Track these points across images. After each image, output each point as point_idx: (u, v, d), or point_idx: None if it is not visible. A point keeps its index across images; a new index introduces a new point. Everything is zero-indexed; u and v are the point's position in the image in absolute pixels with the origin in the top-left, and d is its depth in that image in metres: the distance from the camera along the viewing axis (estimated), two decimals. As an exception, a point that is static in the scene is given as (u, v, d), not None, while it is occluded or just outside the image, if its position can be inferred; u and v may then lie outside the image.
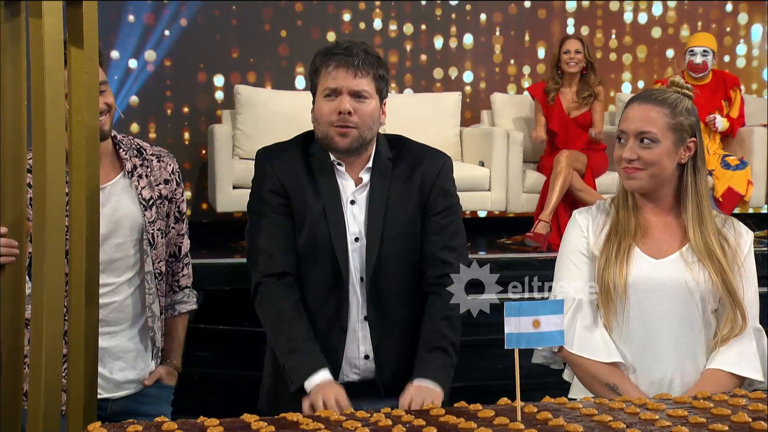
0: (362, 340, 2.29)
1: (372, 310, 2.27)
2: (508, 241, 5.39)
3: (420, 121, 5.38)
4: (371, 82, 2.24)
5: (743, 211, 5.60)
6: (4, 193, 2.11)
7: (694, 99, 2.28)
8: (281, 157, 2.31)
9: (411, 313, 2.31)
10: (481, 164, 5.52)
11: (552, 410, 1.82)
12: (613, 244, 2.23)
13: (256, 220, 2.31)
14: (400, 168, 2.31)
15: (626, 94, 6.01)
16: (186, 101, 6.14)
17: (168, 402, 2.60)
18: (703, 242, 2.21)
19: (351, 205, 2.29)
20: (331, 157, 2.29)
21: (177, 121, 6.14)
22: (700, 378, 2.20)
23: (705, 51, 5.55)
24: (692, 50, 5.58)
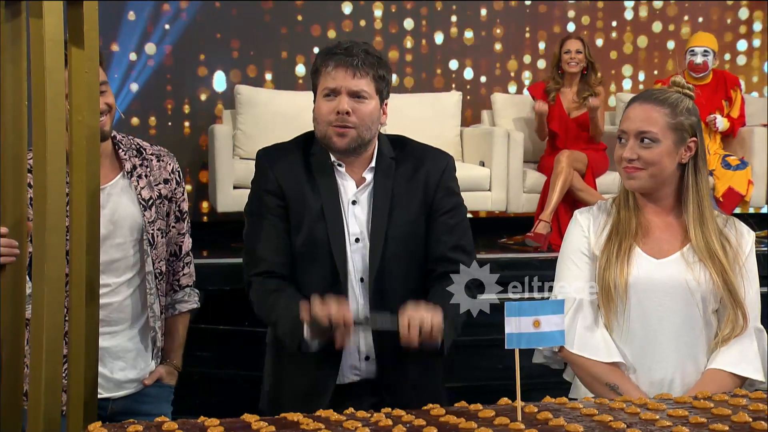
0: (362, 342, 2.28)
1: (374, 310, 2.27)
2: (509, 242, 5.39)
3: (420, 121, 5.38)
4: (371, 83, 2.24)
5: (744, 211, 5.60)
6: (5, 193, 2.11)
7: (695, 99, 2.28)
8: (281, 158, 2.31)
9: None
10: (482, 164, 5.52)
11: (552, 410, 1.82)
12: (614, 244, 2.23)
13: (252, 221, 2.31)
14: (403, 167, 2.31)
15: (627, 94, 6.01)
16: (186, 100, 6.13)
17: (168, 402, 2.61)
18: (705, 242, 2.21)
19: (352, 206, 2.28)
20: (332, 157, 2.28)
21: (177, 121, 6.14)
22: (701, 378, 2.20)
23: (705, 51, 5.56)
24: (693, 50, 5.59)
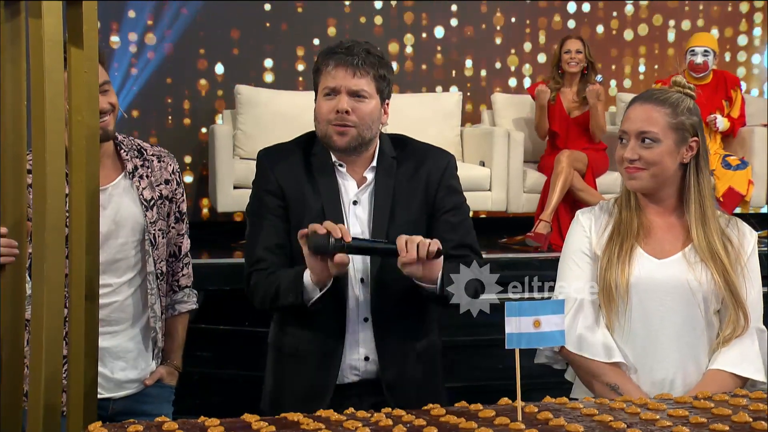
0: (362, 342, 2.28)
1: (374, 311, 2.26)
2: (509, 242, 5.39)
3: (420, 121, 5.38)
4: (371, 82, 2.24)
5: (744, 211, 5.60)
6: (5, 193, 2.11)
7: (696, 99, 2.28)
8: (281, 158, 2.31)
9: (414, 314, 2.30)
10: (482, 164, 5.52)
11: (553, 410, 1.82)
12: (616, 244, 2.22)
13: (252, 222, 2.31)
14: (404, 167, 2.31)
15: (627, 95, 6.00)
16: (186, 98, 6.13)
17: (169, 402, 2.61)
18: (706, 242, 2.20)
19: (353, 206, 2.28)
20: (333, 157, 2.28)
21: (177, 120, 6.14)
22: (702, 378, 2.20)
23: (706, 51, 5.56)
24: (693, 50, 5.58)
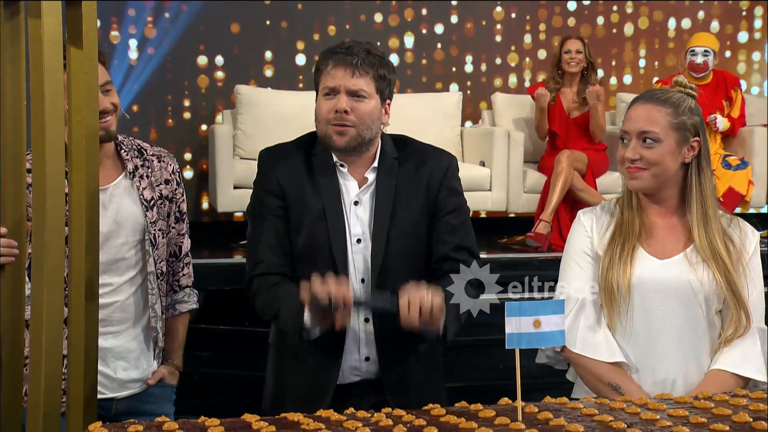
0: (363, 343, 2.28)
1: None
2: (509, 242, 5.39)
3: (420, 121, 5.38)
4: (371, 82, 2.23)
5: (744, 211, 5.60)
6: (4, 194, 2.11)
7: (697, 98, 2.27)
8: (282, 158, 2.31)
9: None
10: (482, 164, 5.52)
11: (553, 410, 1.82)
12: (617, 245, 2.22)
13: (254, 223, 2.31)
14: (405, 167, 2.31)
15: (628, 95, 6.00)
16: (186, 95, 6.13)
17: (171, 401, 2.61)
18: (708, 242, 2.20)
19: (354, 206, 2.27)
20: (334, 157, 2.28)
21: (177, 117, 6.14)
22: (704, 378, 2.20)
23: (706, 51, 5.55)
24: (693, 50, 5.58)
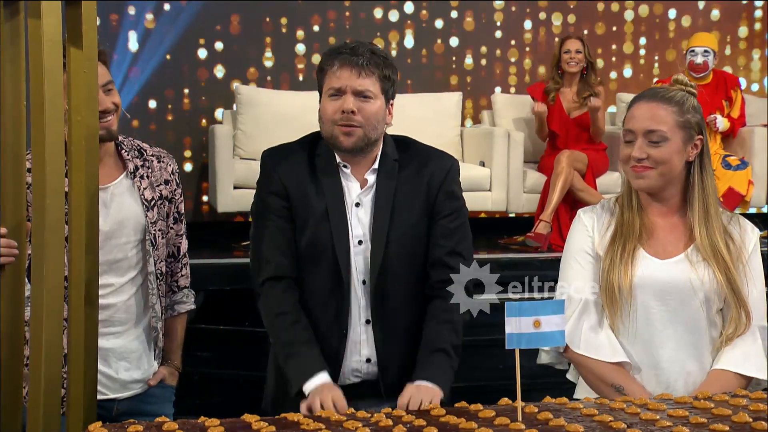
0: (364, 344, 2.28)
1: (376, 313, 2.26)
2: (509, 242, 5.39)
3: (421, 121, 5.38)
4: (376, 82, 2.23)
5: (744, 211, 5.59)
6: (4, 193, 2.11)
7: (697, 97, 2.27)
8: (286, 159, 2.30)
9: (415, 316, 2.28)
10: (482, 164, 5.52)
11: (553, 410, 1.82)
12: (618, 246, 2.21)
13: (258, 224, 2.30)
14: (406, 169, 2.30)
15: (627, 95, 6.00)
16: (186, 92, 6.12)
17: (170, 402, 2.61)
18: (709, 240, 2.19)
19: (356, 208, 2.27)
20: (337, 158, 2.27)
21: (178, 119, 6.14)
22: (706, 378, 2.19)
23: (706, 51, 5.55)
24: (693, 50, 5.58)
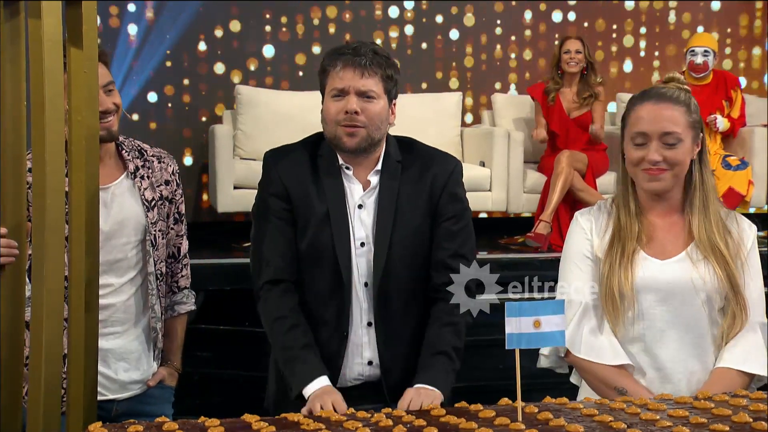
0: (366, 347, 2.27)
1: (378, 315, 2.25)
2: (509, 242, 5.39)
3: (421, 122, 5.38)
4: (379, 83, 2.22)
5: (743, 211, 5.60)
6: (5, 193, 2.11)
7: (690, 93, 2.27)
8: (287, 160, 2.29)
9: (417, 318, 2.28)
10: (482, 164, 5.51)
11: (553, 410, 1.82)
12: (617, 250, 2.20)
13: (258, 225, 2.30)
14: (409, 171, 2.29)
15: (626, 95, 5.99)
16: (185, 89, 6.12)
17: (170, 403, 2.61)
18: (707, 236, 2.19)
19: (359, 210, 2.26)
20: (340, 160, 2.27)
21: (178, 119, 6.14)
22: (710, 377, 2.19)
23: (706, 51, 5.55)
24: (693, 50, 5.58)
